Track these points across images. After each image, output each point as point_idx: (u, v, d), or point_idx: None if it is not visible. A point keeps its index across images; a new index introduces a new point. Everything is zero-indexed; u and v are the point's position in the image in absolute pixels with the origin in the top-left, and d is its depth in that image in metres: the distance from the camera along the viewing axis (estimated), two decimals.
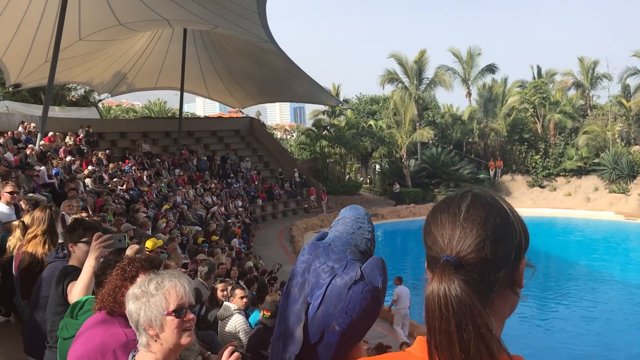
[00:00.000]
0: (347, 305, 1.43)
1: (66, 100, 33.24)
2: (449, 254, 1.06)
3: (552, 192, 37.20)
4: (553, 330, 15.03)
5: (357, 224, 1.61)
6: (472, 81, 41.29)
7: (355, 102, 47.80)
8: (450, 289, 1.00)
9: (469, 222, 1.08)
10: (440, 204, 1.16)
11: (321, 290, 1.47)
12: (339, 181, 37.02)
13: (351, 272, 1.48)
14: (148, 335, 2.02)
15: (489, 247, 1.06)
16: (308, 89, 32.00)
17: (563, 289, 19.36)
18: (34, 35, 20.88)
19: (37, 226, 4.07)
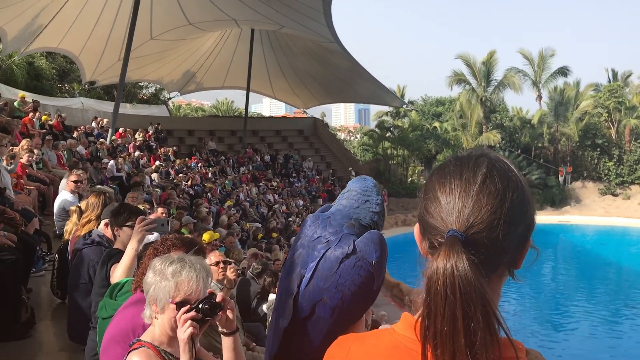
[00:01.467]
0: (337, 279, 1.37)
1: (137, 98, 34.42)
2: (456, 229, 0.92)
3: (625, 200, 35.52)
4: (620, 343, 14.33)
5: (364, 197, 1.52)
6: (542, 84, 39.93)
7: (420, 104, 47.16)
8: (459, 268, 0.87)
9: (484, 194, 0.94)
10: (451, 165, 1.01)
11: (314, 263, 1.40)
12: (401, 183, 36.62)
13: (344, 245, 1.40)
14: (151, 309, 2.08)
15: (503, 226, 0.92)
16: (372, 89, 31.84)
17: (633, 302, 18.43)
18: (108, 35, 21.76)
19: (91, 211, 4.18)
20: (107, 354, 2.34)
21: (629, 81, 40.92)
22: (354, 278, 1.37)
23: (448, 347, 0.86)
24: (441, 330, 0.87)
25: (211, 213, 15.55)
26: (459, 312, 0.86)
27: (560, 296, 20.36)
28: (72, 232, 4.46)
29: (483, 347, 0.85)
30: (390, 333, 1.03)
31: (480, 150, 1.03)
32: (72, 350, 4.34)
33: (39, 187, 9.41)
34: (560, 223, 32.97)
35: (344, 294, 1.37)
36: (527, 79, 39.92)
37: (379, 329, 1.10)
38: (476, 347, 0.85)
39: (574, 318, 16.94)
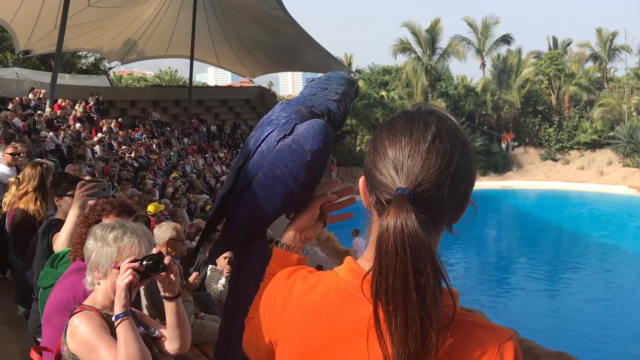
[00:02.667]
0: (272, 158, 1.42)
1: (76, 68, 33.21)
2: (405, 187, 0.93)
3: (565, 165, 36.88)
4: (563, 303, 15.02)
5: (323, 85, 1.52)
6: (486, 52, 40.67)
7: (368, 73, 47.30)
8: (409, 226, 0.89)
9: (433, 154, 0.95)
10: (401, 122, 1.01)
11: (260, 142, 1.46)
12: (350, 153, 36.88)
13: (286, 127, 1.44)
14: (93, 276, 2.09)
15: (448, 186, 0.94)
16: (319, 58, 31.68)
17: (573, 262, 19.28)
18: (42, 1, 20.76)
19: (27, 183, 4.03)
20: (50, 323, 2.30)
21: (569, 49, 42.14)
22: (287, 160, 1.41)
23: (400, 303, 0.88)
24: (393, 286, 0.88)
25: (157, 185, 15.27)
26: (410, 268, 0.88)
27: (504, 258, 21.11)
28: (10, 204, 4.28)
29: (433, 301, 0.87)
30: (332, 275, 1.06)
31: (429, 107, 1.04)
32: (15, 324, 4.24)
33: None
34: (503, 188, 34.02)
35: (276, 173, 1.42)
36: (472, 47, 40.58)
37: (324, 271, 1.12)
38: (427, 301, 0.87)
39: (517, 279, 17.61)
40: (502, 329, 0.95)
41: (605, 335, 12.37)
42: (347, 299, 1.01)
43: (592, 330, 12.70)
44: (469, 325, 0.93)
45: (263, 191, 1.44)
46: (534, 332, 11.29)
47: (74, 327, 1.97)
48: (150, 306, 4.11)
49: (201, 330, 4.78)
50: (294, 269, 1.17)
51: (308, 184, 1.43)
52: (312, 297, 1.06)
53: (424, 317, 0.87)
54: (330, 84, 1.51)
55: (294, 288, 1.10)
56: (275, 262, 1.40)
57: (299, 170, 1.41)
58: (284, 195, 1.42)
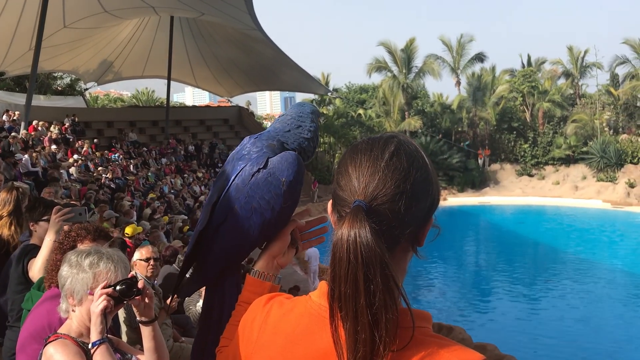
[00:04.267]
0: (248, 191, 1.45)
1: (52, 89, 32.87)
2: (362, 200, 0.99)
3: (540, 180, 37.37)
4: (540, 317, 15.11)
5: (297, 122, 1.57)
6: (461, 70, 41.28)
7: (345, 91, 47.64)
8: (361, 235, 0.93)
9: (390, 169, 1.01)
10: (363, 144, 1.07)
11: (233, 176, 1.49)
12: (328, 170, 36.95)
13: (260, 161, 1.48)
14: (67, 303, 2.07)
15: (405, 201, 0.99)
16: (297, 77, 31.87)
17: (550, 276, 19.48)
18: (17, 22, 20.57)
19: (2, 207, 3.97)
20: (24, 351, 2.27)
21: (542, 67, 42.95)
22: (263, 192, 1.44)
23: (351, 308, 0.92)
24: (345, 292, 0.93)
25: (134, 207, 15.14)
26: (360, 274, 0.92)
27: (482, 274, 21.23)
28: None
29: (382, 307, 0.91)
30: (306, 300, 1.09)
31: (391, 133, 1.10)
32: None
33: None
34: (480, 204, 34.37)
35: (253, 206, 1.44)
36: (447, 65, 41.16)
37: (299, 296, 1.15)
38: (375, 307, 0.91)
39: (495, 294, 17.72)
40: (471, 352, 0.96)
41: (582, 348, 12.49)
42: (319, 322, 1.02)
43: (569, 344, 12.81)
44: (434, 346, 0.95)
45: (240, 224, 1.45)
46: (513, 347, 11.36)
47: (48, 356, 1.95)
48: (130, 330, 4.08)
49: (180, 353, 4.73)
50: (271, 295, 1.20)
51: (284, 214, 1.46)
52: (287, 322, 1.08)
53: (372, 324, 0.91)
54: (304, 121, 1.56)
55: (270, 313, 1.13)
56: (248, 289, 1.43)
57: (276, 201, 1.44)
58: (261, 226, 1.45)
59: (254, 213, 1.44)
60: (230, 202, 1.46)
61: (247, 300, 1.38)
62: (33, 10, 19.47)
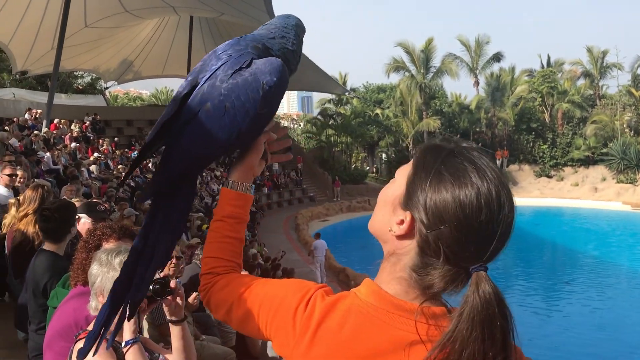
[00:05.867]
0: (224, 89, 1.30)
1: (73, 88, 33.27)
2: (484, 263, 0.98)
3: (559, 182, 37.01)
4: (557, 322, 14.95)
5: (281, 33, 1.44)
6: (479, 70, 41.00)
7: (362, 91, 47.58)
8: (495, 291, 0.95)
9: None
10: (481, 181, 0.97)
11: (209, 72, 1.34)
12: (345, 170, 36.94)
13: (242, 60, 1.34)
14: (97, 301, 2.07)
15: None
16: (314, 77, 31.85)
17: (569, 280, 19.25)
18: (39, 22, 20.88)
19: (28, 205, 4.06)
20: (51, 348, 2.30)
21: (562, 68, 42.54)
22: (241, 92, 1.30)
23: None
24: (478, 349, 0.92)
25: None
26: (498, 329, 0.94)
27: (498, 277, 21.04)
28: (10, 225, 4.31)
29: None
30: (353, 297, 1.06)
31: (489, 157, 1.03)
32: (13, 347, 4.23)
33: None
34: None
35: (227, 106, 1.29)
36: (465, 65, 40.90)
37: (343, 292, 1.10)
38: None
39: (511, 298, 17.53)
40: None
41: (600, 354, 12.33)
42: (370, 322, 1.01)
43: (587, 349, 12.65)
44: None
45: (210, 123, 1.29)
46: (530, 352, 11.24)
47: None
48: (152, 328, 4.13)
49: (201, 352, 4.77)
50: (309, 285, 1.12)
51: (258, 122, 1.33)
52: (332, 318, 1.04)
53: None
54: (288, 33, 1.44)
55: (315, 307, 1.06)
56: (231, 204, 1.33)
57: (252, 105, 1.30)
58: (231, 130, 1.30)
59: (226, 114, 1.29)
60: (203, 98, 1.30)
61: (232, 215, 1.31)
62: (55, 10, 19.74)
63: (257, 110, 1.30)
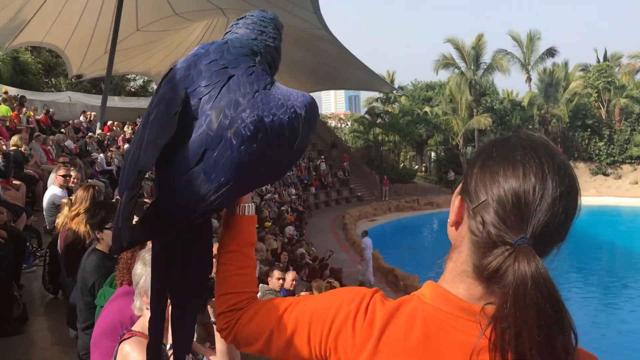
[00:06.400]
0: (258, 110, 1.11)
1: (125, 91, 34.17)
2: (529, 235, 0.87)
3: (616, 180, 35.76)
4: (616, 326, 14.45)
5: (259, 28, 1.27)
6: (532, 66, 40.00)
7: (410, 89, 47.13)
8: (540, 271, 0.84)
9: (561, 205, 0.89)
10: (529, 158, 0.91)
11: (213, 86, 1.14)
12: (393, 169, 36.66)
13: (261, 77, 1.17)
14: (141, 301, 2.07)
15: (562, 234, 0.92)
16: (361, 76, 31.74)
17: (627, 281, 18.58)
18: (93, 27, 21.49)
19: (79, 204, 4.14)
20: (98, 347, 2.32)
21: (620, 62, 41.08)
22: (277, 117, 1.12)
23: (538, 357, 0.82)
24: (537, 342, 0.82)
25: None
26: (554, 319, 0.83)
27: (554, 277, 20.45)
28: (63, 224, 4.40)
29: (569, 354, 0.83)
30: (417, 301, 0.99)
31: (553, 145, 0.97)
32: (65, 344, 4.31)
33: None
34: None
35: (261, 131, 1.10)
36: (516, 61, 39.98)
37: (406, 296, 1.03)
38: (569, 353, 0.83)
39: (569, 299, 17.06)
40: None
41: None
42: (439, 328, 0.94)
43: None
44: None
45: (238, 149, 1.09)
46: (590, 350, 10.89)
47: (125, 353, 1.97)
48: (199, 327, 4.14)
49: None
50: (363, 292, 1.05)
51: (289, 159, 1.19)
52: (395, 325, 0.97)
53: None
54: (267, 27, 1.28)
55: (375, 314, 0.99)
56: (240, 230, 1.22)
57: (290, 137, 1.14)
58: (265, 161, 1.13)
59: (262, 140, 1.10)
60: (226, 117, 1.09)
61: (246, 243, 1.22)
62: (108, 15, 20.27)
63: (296, 144, 1.16)
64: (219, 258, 1.23)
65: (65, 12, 19.83)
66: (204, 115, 1.11)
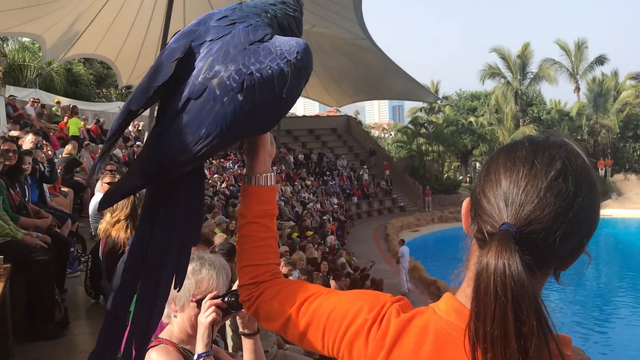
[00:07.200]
0: (244, 59, 1.09)
1: None
2: (512, 224, 0.83)
3: None
4: None
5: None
6: (580, 75, 39.06)
7: (455, 99, 46.63)
8: (512, 268, 0.79)
9: (552, 193, 0.84)
10: (523, 150, 0.89)
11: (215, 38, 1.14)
12: (437, 179, 36.28)
13: (259, 29, 1.15)
14: (169, 308, 2.07)
15: (563, 232, 0.84)
16: (405, 86, 31.61)
17: None
18: (143, 39, 22.07)
19: (120, 211, 4.22)
20: None
21: None
22: (265, 65, 1.09)
23: (499, 352, 0.79)
24: (491, 333, 0.80)
25: None
26: (511, 314, 0.79)
27: (604, 291, 19.86)
28: (105, 231, 4.51)
29: (537, 354, 0.78)
30: (430, 314, 0.96)
31: (559, 139, 0.92)
32: None
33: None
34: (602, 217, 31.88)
35: (246, 82, 1.08)
36: (564, 70, 39.13)
37: (421, 307, 1.00)
38: (530, 354, 0.78)
39: (618, 313, 16.52)
40: None
41: None
42: (450, 343, 0.90)
43: None
44: None
45: (222, 100, 1.08)
46: None
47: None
48: (235, 335, 4.16)
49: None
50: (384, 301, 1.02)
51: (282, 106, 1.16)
52: (407, 336, 0.94)
53: None
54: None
55: (389, 324, 0.97)
56: (257, 201, 1.21)
57: (278, 85, 1.11)
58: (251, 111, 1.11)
59: (248, 90, 1.08)
60: (212, 70, 1.09)
61: (264, 213, 1.20)
62: (157, 27, 20.77)
63: (284, 92, 1.12)
64: (238, 229, 1.23)
65: (116, 25, 20.43)
66: (197, 65, 1.11)
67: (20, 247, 4.45)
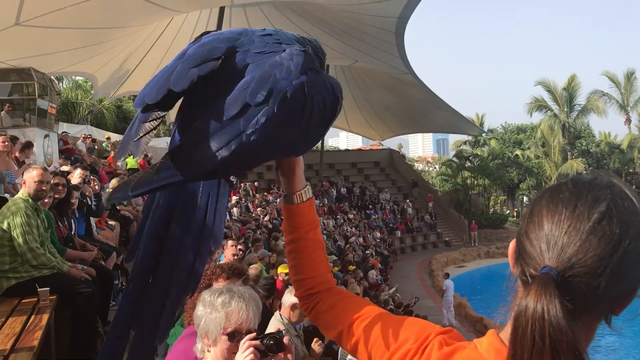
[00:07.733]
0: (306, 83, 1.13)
1: None
2: (552, 266, 0.82)
3: None
4: None
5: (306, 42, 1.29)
6: (631, 106, 38.11)
7: (501, 132, 46.08)
8: (550, 313, 0.77)
9: (596, 236, 0.81)
10: (567, 191, 0.87)
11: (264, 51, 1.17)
12: (483, 214, 35.63)
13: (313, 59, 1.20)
14: (203, 343, 2.07)
15: (607, 276, 0.80)
16: (449, 118, 31.51)
17: None
18: None
19: None
20: None
21: None
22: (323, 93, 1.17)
23: None
24: None
25: None
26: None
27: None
28: None
29: None
30: (471, 349, 0.95)
31: (606, 179, 0.89)
32: None
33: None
34: None
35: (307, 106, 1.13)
36: (613, 102, 38.27)
37: (464, 343, 0.99)
38: None
39: None
40: None
41: None
42: None
43: None
44: None
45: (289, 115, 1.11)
46: None
47: None
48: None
49: None
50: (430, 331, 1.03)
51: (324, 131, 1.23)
52: None
53: None
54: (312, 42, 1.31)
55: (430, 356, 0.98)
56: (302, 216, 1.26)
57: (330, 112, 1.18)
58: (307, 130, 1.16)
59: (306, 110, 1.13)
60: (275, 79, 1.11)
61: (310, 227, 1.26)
62: None
63: (332, 119, 1.21)
64: (286, 244, 1.29)
65: (164, 63, 21.01)
66: (251, 73, 1.13)
67: (66, 279, 4.55)
